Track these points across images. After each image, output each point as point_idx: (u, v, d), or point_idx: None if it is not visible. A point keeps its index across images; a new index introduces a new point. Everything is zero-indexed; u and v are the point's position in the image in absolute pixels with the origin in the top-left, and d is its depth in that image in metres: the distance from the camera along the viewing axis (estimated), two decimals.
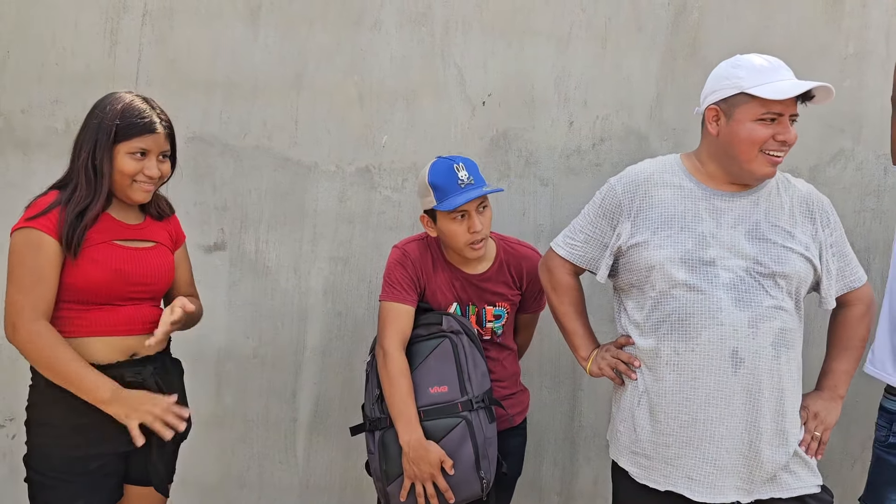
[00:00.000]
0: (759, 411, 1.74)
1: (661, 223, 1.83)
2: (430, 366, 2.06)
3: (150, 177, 1.86)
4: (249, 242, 2.61)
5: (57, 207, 1.79)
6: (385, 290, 2.13)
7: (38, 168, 2.56)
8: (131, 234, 1.91)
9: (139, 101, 1.86)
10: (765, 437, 1.74)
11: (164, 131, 1.87)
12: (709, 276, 1.76)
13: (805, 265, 1.79)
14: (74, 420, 1.82)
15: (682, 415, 1.77)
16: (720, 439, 1.75)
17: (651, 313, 1.82)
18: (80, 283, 1.80)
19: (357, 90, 2.56)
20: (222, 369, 2.66)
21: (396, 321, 2.08)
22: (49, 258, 1.77)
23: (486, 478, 2.01)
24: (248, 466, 2.69)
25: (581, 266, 2.01)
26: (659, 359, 1.80)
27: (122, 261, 1.86)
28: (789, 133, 1.74)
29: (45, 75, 2.55)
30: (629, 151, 2.55)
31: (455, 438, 2.00)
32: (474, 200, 2.04)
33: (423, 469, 1.96)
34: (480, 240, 2.06)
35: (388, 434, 2.03)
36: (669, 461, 1.79)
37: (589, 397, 2.66)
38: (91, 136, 1.83)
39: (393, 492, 2.02)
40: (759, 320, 1.73)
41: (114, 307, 1.86)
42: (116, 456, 1.88)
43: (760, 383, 1.73)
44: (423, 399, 2.02)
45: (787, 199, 1.84)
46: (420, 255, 2.16)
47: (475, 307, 2.18)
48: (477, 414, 2.02)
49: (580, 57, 2.55)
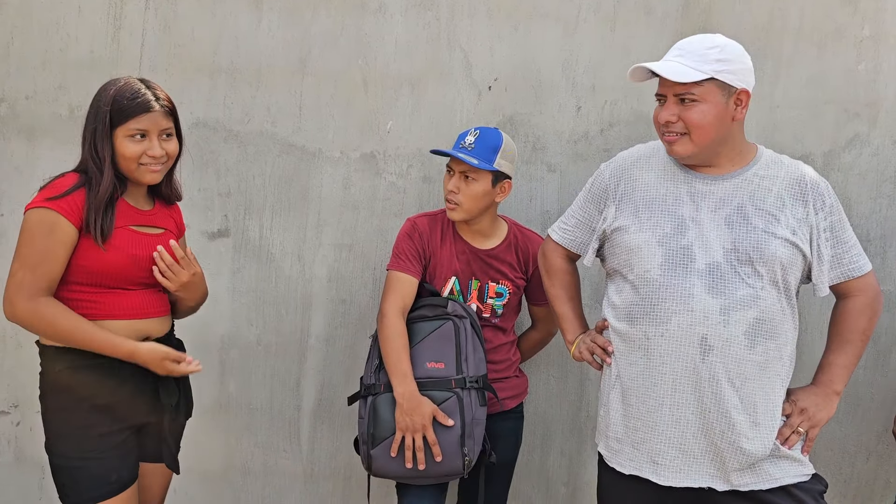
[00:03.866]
0: (726, 400, 1.71)
1: (642, 207, 1.83)
2: (431, 343, 2.14)
3: (154, 157, 1.85)
4: (253, 229, 2.60)
5: (79, 191, 1.80)
6: (392, 259, 2.23)
7: (42, 154, 2.56)
8: (144, 219, 1.93)
9: (134, 83, 1.85)
10: (736, 426, 1.72)
11: (161, 109, 1.85)
12: (684, 262, 1.75)
13: (788, 250, 1.74)
14: (89, 401, 1.84)
15: (650, 399, 1.77)
16: (685, 424, 1.74)
17: (627, 297, 1.82)
18: (98, 267, 1.81)
19: (362, 75, 2.53)
20: (226, 357, 2.65)
21: (399, 289, 2.17)
22: (61, 241, 1.78)
23: (469, 457, 2.07)
24: (252, 455, 2.69)
25: (572, 250, 2.03)
26: (632, 342, 1.81)
27: (138, 246, 1.88)
28: (661, 113, 1.77)
29: (50, 61, 2.54)
30: (638, 137, 2.49)
31: (445, 411, 2.06)
32: (460, 164, 2.15)
33: (416, 420, 2.02)
34: (453, 203, 2.17)
35: (380, 399, 2.10)
36: (636, 445, 1.80)
37: (596, 387, 2.60)
38: (90, 125, 1.84)
39: (377, 454, 2.08)
40: (731, 308, 1.71)
41: (126, 291, 1.88)
42: (133, 431, 1.92)
43: (729, 372, 1.71)
44: (419, 371, 2.10)
45: (777, 181, 1.79)
46: (429, 228, 2.25)
47: (478, 282, 2.24)
48: (469, 393, 2.09)
49: (588, 40, 2.51)
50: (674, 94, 1.74)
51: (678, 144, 1.76)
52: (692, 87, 1.71)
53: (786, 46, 2.46)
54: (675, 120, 1.75)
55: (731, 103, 1.74)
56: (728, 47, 1.74)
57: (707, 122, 1.72)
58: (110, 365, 1.84)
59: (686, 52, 1.74)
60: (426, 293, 2.24)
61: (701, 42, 1.75)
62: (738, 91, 1.74)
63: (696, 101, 1.72)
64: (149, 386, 1.92)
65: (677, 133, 1.75)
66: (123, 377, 1.87)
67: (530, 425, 2.59)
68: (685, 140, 1.75)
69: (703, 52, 1.72)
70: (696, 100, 1.72)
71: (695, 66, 1.71)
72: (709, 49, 1.72)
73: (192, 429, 2.18)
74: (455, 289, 2.24)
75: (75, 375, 1.83)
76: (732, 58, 1.73)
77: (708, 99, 1.72)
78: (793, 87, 2.47)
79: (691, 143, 1.75)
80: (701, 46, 1.73)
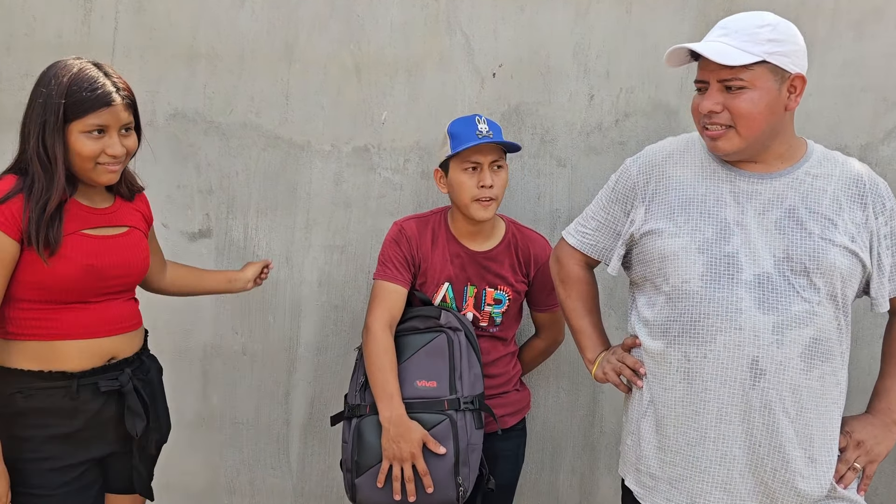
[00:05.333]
0: (780, 433, 1.52)
1: (677, 208, 1.63)
2: (421, 359, 1.99)
3: (114, 156, 1.67)
4: (237, 229, 2.44)
5: (16, 197, 1.60)
6: (378, 267, 2.09)
7: (7, 147, 2.32)
8: (101, 220, 1.73)
9: (90, 69, 1.65)
10: (791, 464, 1.53)
11: (122, 101, 1.66)
12: (729, 272, 1.55)
13: (848, 260, 1.54)
14: (46, 431, 1.67)
15: (691, 431, 1.58)
16: (732, 461, 1.55)
17: (661, 311, 1.63)
18: (48, 281, 1.63)
19: (354, 61, 2.36)
20: (209, 367, 2.50)
21: (385, 300, 2.03)
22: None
23: (464, 486, 1.90)
24: (237, 472, 2.54)
25: (592, 256, 1.84)
26: (668, 365, 1.61)
27: (93, 254, 1.68)
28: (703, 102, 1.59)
29: (14, 46, 2.38)
30: (656, 128, 2.32)
31: (437, 437, 1.90)
32: (488, 155, 1.98)
33: (404, 448, 1.87)
34: (489, 198, 1.99)
35: (366, 422, 1.94)
36: (674, 482, 1.61)
37: (610, 401, 2.45)
38: (38, 118, 1.62)
39: (361, 484, 1.91)
40: (785, 326, 1.51)
41: (86, 305, 1.70)
42: (94, 464, 1.78)
43: (784, 401, 1.52)
44: (407, 391, 1.94)
45: (832, 181, 1.59)
46: (417, 233, 2.09)
47: (475, 288, 2.07)
48: (463, 415, 1.93)
49: (602, 23, 2.32)
50: (718, 79, 1.54)
51: (723, 140, 1.57)
52: (740, 71, 1.51)
53: (819, 28, 2.27)
54: (719, 109, 1.55)
55: (785, 90, 1.54)
56: (780, 26, 1.54)
57: (757, 111, 1.53)
58: (68, 389, 1.67)
59: (732, 31, 1.54)
60: (417, 302, 2.08)
61: (750, 20, 1.54)
62: (793, 76, 1.54)
63: (744, 87, 1.52)
64: (113, 412, 1.75)
65: (722, 126, 1.56)
66: (83, 403, 1.70)
67: (538, 441, 2.44)
68: (731, 135, 1.56)
69: (753, 32, 1.52)
70: (744, 86, 1.52)
71: (743, 47, 1.51)
72: (759, 28, 1.52)
73: (173, 444, 2.05)
74: (448, 296, 2.08)
75: (29, 401, 1.66)
76: (786, 38, 1.53)
77: (758, 85, 1.52)
78: (827, 73, 2.28)
79: (739, 138, 1.56)
80: (750, 25, 1.53)
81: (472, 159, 1.98)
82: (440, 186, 2.08)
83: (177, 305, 2.38)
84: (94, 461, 1.76)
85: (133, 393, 1.76)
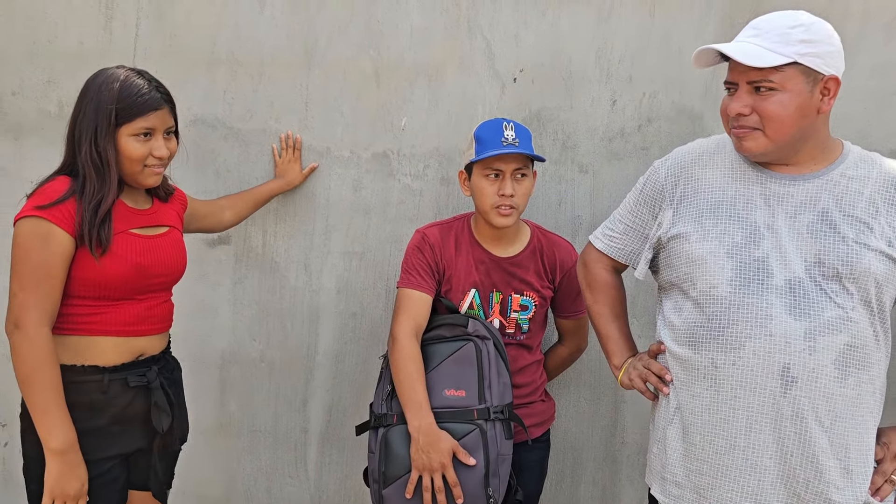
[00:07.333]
0: (813, 443, 1.47)
1: (706, 211, 1.60)
2: (449, 368, 1.95)
3: (160, 158, 1.77)
4: (256, 236, 2.43)
5: (72, 198, 1.68)
6: (402, 276, 2.06)
7: (30, 153, 2.43)
8: (145, 220, 1.83)
9: (135, 77, 1.75)
10: (825, 475, 1.48)
11: (167, 105, 1.76)
12: (759, 277, 1.51)
13: (884, 265, 1.49)
14: (77, 425, 1.70)
15: (719, 439, 1.54)
16: (763, 471, 1.50)
17: (689, 317, 1.59)
18: (99, 279, 1.70)
19: (374, 66, 2.34)
20: (226, 374, 2.49)
21: (410, 308, 1.99)
22: (58, 253, 1.66)
23: (494, 497, 1.85)
24: (254, 480, 2.52)
25: (620, 260, 1.80)
26: (695, 371, 1.57)
27: (140, 253, 1.77)
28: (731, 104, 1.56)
29: (37, 53, 2.39)
30: (680, 133, 2.27)
31: (466, 447, 1.85)
32: (511, 163, 1.94)
33: (434, 458, 1.82)
34: (509, 207, 1.95)
35: (393, 432, 1.90)
36: (701, 492, 1.57)
37: (633, 410, 2.40)
38: (90, 123, 1.71)
39: (389, 495, 1.87)
40: (817, 332, 1.47)
41: (129, 302, 1.77)
42: (120, 459, 1.82)
43: (817, 409, 1.47)
44: (436, 400, 1.90)
45: (869, 183, 1.54)
46: (441, 240, 2.07)
47: (500, 294, 2.04)
48: (493, 425, 1.87)
49: (624, 26, 2.28)
50: (747, 81, 1.50)
51: (749, 140, 1.53)
52: (770, 73, 1.47)
53: (849, 30, 2.20)
54: (747, 112, 1.51)
55: (817, 93, 1.50)
56: (815, 26, 1.49)
57: (787, 114, 1.48)
58: (100, 383, 1.73)
59: (764, 32, 1.50)
60: (443, 310, 2.04)
61: (782, 19, 1.50)
62: (826, 78, 1.49)
63: (774, 89, 1.48)
64: (139, 408, 1.80)
65: (749, 127, 1.52)
66: (114, 398, 1.75)
67: (559, 452, 2.39)
68: (757, 135, 1.52)
69: (785, 32, 1.48)
70: (774, 88, 1.48)
71: (774, 47, 1.47)
72: (791, 28, 1.48)
73: (190, 452, 2.06)
74: (476, 303, 2.04)
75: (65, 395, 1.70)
76: (820, 38, 1.49)
77: (788, 87, 1.48)
78: (857, 76, 2.22)
79: (765, 139, 1.51)
80: (782, 24, 1.49)
81: (495, 167, 1.95)
82: (464, 189, 2.06)
83: (195, 313, 2.38)
84: (121, 457, 1.80)
85: (160, 389, 1.81)
